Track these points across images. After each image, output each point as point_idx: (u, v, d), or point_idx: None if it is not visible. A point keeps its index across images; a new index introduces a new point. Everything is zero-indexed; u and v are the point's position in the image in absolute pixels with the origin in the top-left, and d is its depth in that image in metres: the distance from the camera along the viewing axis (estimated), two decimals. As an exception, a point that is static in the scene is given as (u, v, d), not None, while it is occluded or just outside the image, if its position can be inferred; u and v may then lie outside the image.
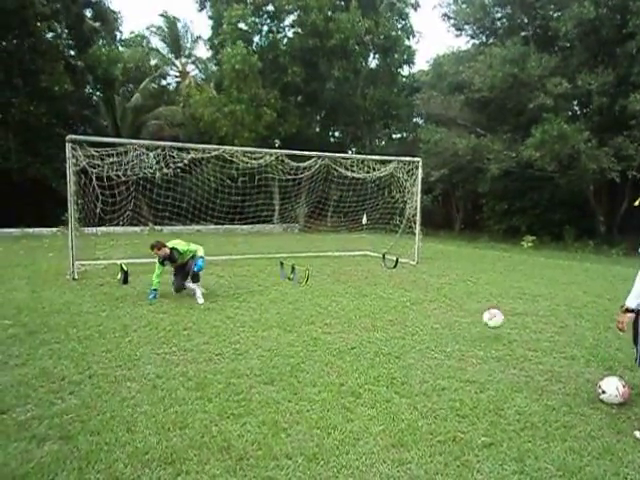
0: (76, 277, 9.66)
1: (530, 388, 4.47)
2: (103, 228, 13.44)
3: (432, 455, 3.28)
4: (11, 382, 4.34)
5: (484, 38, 24.88)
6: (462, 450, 3.35)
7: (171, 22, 30.19)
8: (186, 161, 11.51)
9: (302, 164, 13.47)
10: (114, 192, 11.28)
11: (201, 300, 7.84)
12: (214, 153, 12.41)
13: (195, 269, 8.00)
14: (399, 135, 33.63)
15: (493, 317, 6.21)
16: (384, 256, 12.90)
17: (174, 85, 31.56)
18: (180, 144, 12.44)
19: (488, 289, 9.47)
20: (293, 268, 10.11)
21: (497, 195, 23.86)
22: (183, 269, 8.28)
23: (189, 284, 8.26)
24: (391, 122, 31.60)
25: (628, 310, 3.59)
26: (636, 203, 4.09)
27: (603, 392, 4.16)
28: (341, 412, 3.88)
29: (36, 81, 21.65)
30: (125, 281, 9.24)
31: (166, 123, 26.76)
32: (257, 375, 4.64)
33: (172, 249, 8.00)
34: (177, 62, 31.34)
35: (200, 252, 8.24)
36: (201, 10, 27.63)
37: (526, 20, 22.15)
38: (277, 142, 27.15)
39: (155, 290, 8.02)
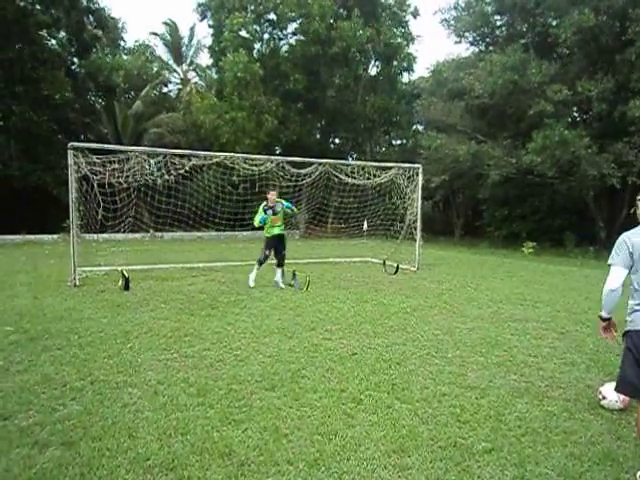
0: (77, 284, 9.68)
1: (531, 394, 4.48)
2: (104, 235, 13.50)
3: (433, 461, 3.28)
4: (13, 388, 4.35)
5: (484, 46, 25.01)
6: (463, 456, 3.35)
7: (173, 30, 30.39)
8: (187, 168, 11.54)
9: (303, 171, 13.50)
10: (115, 199, 11.34)
11: (282, 285, 9.75)
12: (215, 160, 12.46)
13: (287, 206, 9.82)
14: (399, 142, 33.70)
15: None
16: (385, 262, 12.91)
17: (175, 92, 31.73)
18: (181, 151, 12.47)
19: (489, 295, 9.48)
20: (294, 274, 10.12)
21: (497, 201, 23.90)
22: (278, 243, 9.78)
23: (277, 270, 9.97)
24: (391, 129, 31.70)
25: (602, 318, 3.58)
26: None
27: (604, 398, 4.17)
28: (342, 418, 3.89)
29: (37, 89, 21.76)
30: (126, 287, 9.26)
31: (167, 130, 26.85)
32: (258, 381, 4.65)
33: (279, 202, 9.68)
34: (178, 69, 31.52)
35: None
36: (202, 20, 27.89)
37: (525, 28, 22.28)
38: (278, 149, 27.24)
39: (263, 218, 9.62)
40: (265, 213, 9.55)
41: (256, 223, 9.64)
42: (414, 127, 31.13)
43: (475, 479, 3.09)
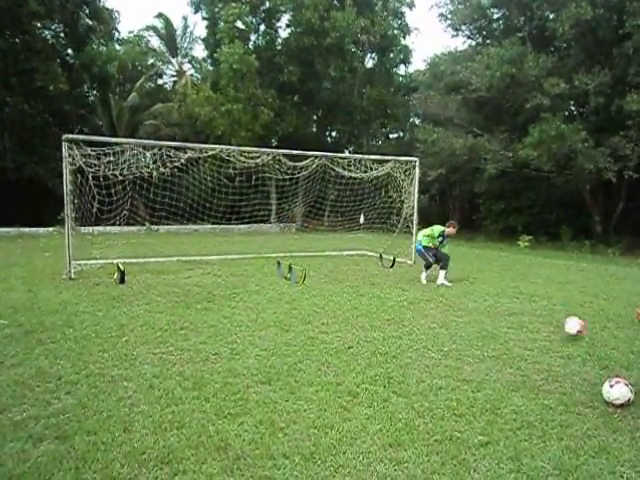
0: (72, 277, 9.64)
1: (527, 387, 4.48)
2: (100, 228, 13.44)
3: (429, 454, 3.28)
4: (7, 382, 4.32)
5: (481, 39, 24.93)
6: (459, 449, 3.35)
7: (167, 22, 30.16)
8: (183, 160, 11.46)
9: (299, 164, 13.45)
10: (111, 192, 11.25)
11: (440, 282, 9.77)
12: (211, 152, 12.38)
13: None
14: (396, 135, 33.73)
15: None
16: (381, 256, 12.90)
17: (170, 84, 31.55)
18: (177, 143, 12.40)
19: (485, 289, 9.48)
20: (290, 268, 10.10)
21: (494, 195, 23.94)
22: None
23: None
24: (388, 122, 31.63)
25: None
26: None
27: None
28: (338, 411, 3.88)
29: (31, 80, 21.55)
30: (122, 281, 9.21)
31: (162, 122, 26.72)
32: (254, 374, 4.64)
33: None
34: (174, 61, 31.31)
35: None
36: (196, 12, 27.68)
37: (523, 21, 22.19)
38: (274, 141, 27.16)
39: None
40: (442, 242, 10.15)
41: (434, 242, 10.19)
42: (411, 120, 31.10)
43: (471, 473, 3.09)
